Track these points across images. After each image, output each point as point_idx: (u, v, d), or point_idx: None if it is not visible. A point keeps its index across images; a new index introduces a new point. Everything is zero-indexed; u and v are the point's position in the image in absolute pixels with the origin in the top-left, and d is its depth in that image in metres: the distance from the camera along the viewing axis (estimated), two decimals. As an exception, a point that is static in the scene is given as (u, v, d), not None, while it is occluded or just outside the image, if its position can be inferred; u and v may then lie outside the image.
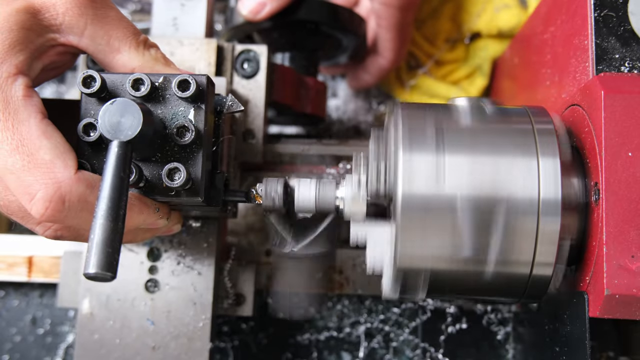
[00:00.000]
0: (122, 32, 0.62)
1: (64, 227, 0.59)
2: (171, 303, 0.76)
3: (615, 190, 0.57)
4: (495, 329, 0.91)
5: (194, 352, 0.76)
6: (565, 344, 0.63)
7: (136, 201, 0.59)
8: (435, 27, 1.02)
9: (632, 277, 0.55)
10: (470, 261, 0.60)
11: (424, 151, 0.60)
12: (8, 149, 0.55)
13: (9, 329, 0.92)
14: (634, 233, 0.56)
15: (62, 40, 0.60)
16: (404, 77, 1.02)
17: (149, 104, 0.60)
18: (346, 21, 0.88)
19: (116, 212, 0.52)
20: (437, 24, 1.02)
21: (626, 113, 0.58)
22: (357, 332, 0.91)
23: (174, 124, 0.60)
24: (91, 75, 0.59)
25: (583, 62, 0.65)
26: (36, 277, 0.88)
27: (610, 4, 0.64)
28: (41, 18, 0.59)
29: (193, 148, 0.60)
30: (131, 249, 0.77)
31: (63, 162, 0.55)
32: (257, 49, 0.82)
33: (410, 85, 1.02)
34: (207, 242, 0.77)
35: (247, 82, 0.82)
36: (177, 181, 0.59)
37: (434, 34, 1.03)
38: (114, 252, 0.51)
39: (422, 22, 1.03)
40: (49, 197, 0.55)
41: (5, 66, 0.56)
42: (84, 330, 0.76)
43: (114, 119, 0.55)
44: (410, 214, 0.59)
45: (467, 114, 0.63)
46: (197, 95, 0.60)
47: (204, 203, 0.62)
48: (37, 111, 0.56)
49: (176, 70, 0.64)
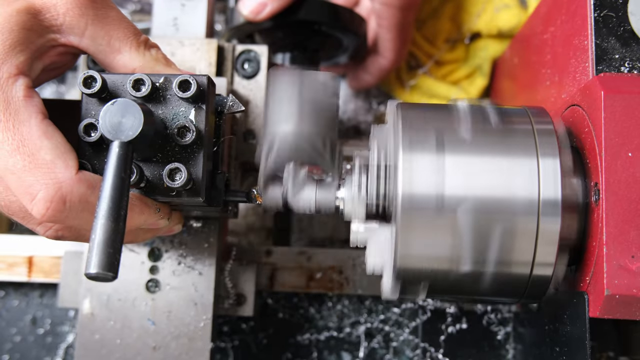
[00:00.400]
0: (123, 33, 0.62)
1: (64, 227, 0.59)
2: (172, 303, 0.77)
3: (615, 190, 0.57)
4: (495, 329, 0.91)
5: (194, 352, 0.76)
6: (565, 344, 0.63)
7: (137, 201, 0.59)
8: (436, 27, 1.02)
9: (632, 277, 0.55)
10: (470, 261, 0.60)
11: (424, 151, 0.60)
12: (9, 150, 0.55)
13: (9, 329, 0.92)
14: (634, 233, 0.56)
15: (62, 41, 0.60)
16: (404, 77, 1.02)
17: (149, 104, 0.60)
18: (347, 21, 0.88)
19: (117, 212, 0.52)
20: (437, 24, 1.02)
21: (626, 113, 0.58)
22: (357, 332, 0.91)
23: (175, 124, 0.60)
24: (92, 76, 0.59)
25: (583, 62, 0.65)
26: (36, 277, 0.88)
27: (610, 4, 0.64)
28: (42, 18, 0.59)
29: (194, 148, 0.60)
30: (132, 249, 0.77)
31: (64, 163, 0.56)
32: (258, 49, 0.82)
33: (410, 85, 1.02)
34: (208, 242, 0.78)
35: (248, 83, 0.82)
36: (178, 181, 0.59)
37: (434, 34, 1.03)
38: (115, 252, 0.51)
39: (423, 22, 1.03)
40: (50, 198, 0.55)
41: (6, 67, 0.56)
42: (84, 331, 0.76)
43: (115, 120, 0.55)
44: (410, 214, 0.59)
45: (468, 114, 0.63)
46: (198, 95, 0.60)
47: (205, 203, 0.62)
48: (37, 111, 0.56)
49: (177, 70, 0.64)
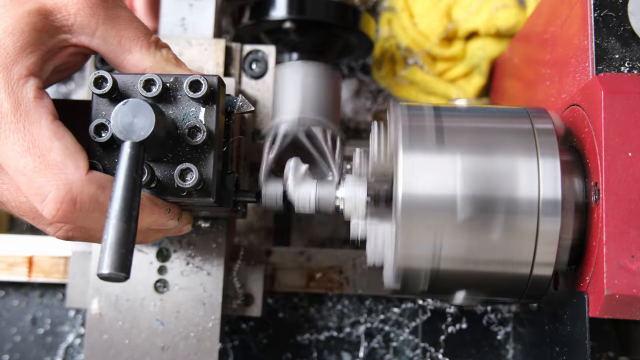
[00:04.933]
0: (134, 33, 0.62)
1: (75, 228, 0.59)
2: (180, 303, 0.77)
3: (615, 190, 0.57)
4: (495, 329, 0.91)
5: (203, 352, 0.76)
6: (565, 344, 0.63)
7: (147, 202, 0.60)
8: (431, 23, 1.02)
9: (632, 277, 0.55)
10: (470, 261, 0.60)
11: (424, 151, 0.60)
12: (19, 151, 0.55)
13: (9, 329, 0.93)
14: (634, 233, 0.56)
15: (73, 41, 0.61)
16: (400, 73, 1.03)
17: (160, 104, 0.60)
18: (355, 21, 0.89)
19: (129, 212, 0.52)
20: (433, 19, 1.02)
21: (626, 113, 0.58)
22: (357, 332, 0.91)
23: (185, 125, 0.60)
24: (102, 76, 0.59)
25: (583, 62, 0.65)
26: (36, 277, 0.88)
27: (610, 4, 0.64)
28: (53, 19, 0.59)
29: (204, 148, 0.60)
30: (140, 249, 0.77)
31: (74, 163, 0.56)
32: (266, 49, 0.83)
33: (408, 82, 1.02)
34: (216, 242, 0.78)
35: (256, 83, 0.83)
36: (189, 182, 0.59)
37: (430, 29, 1.03)
38: (128, 252, 0.51)
39: (418, 16, 1.03)
40: (61, 198, 0.55)
41: (16, 68, 0.56)
42: (93, 331, 0.76)
43: (127, 120, 0.55)
44: (410, 213, 0.59)
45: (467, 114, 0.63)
46: (208, 95, 0.60)
47: (216, 204, 0.62)
48: (48, 112, 0.56)
49: (187, 70, 0.64)
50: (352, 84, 1.04)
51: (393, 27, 1.03)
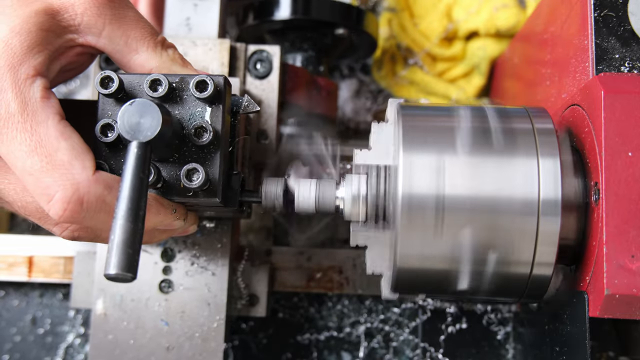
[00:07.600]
0: (140, 33, 0.62)
1: (81, 228, 0.59)
2: (185, 303, 0.77)
3: (615, 190, 0.57)
4: (495, 329, 0.91)
5: (208, 352, 0.76)
6: (565, 344, 0.63)
7: (153, 202, 0.60)
8: (431, 23, 1.03)
9: (632, 277, 0.55)
10: (470, 261, 0.60)
11: (424, 151, 0.60)
12: (26, 151, 0.55)
13: (9, 329, 0.93)
14: (634, 233, 0.56)
15: (80, 41, 0.61)
16: (401, 73, 1.03)
17: (166, 104, 0.60)
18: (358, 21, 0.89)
19: (136, 213, 0.52)
20: (433, 19, 1.02)
21: (626, 113, 0.58)
22: (357, 332, 0.92)
23: (192, 125, 0.60)
24: (109, 76, 0.59)
25: (583, 62, 0.65)
26: (36, 277, 0.88)
27: (610, 4, 0.64)
28: (60, 19, 0.59)
29: (210, 149, 0.61)
30: (145, 249, 0.77)
31: (81, 163, 0.56)
32: (270, 49, 0.83)
33: (408, 82, 1.02)
34: (220, 242, 0.78)
35: (260, 83, 0.83)
36: (196, 182, 0.59)
37: (430, 29, 1.03)
38: (135, 252, 0.51)
39: (418, 17, 1.03)
40: (67, 199, 0.55)
41: (23, 68, 0.56)
42: (98, 331, 0.76)
43: (133, 120, 0.55)
44: (410, 214, 0.59)
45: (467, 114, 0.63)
46: (214, 95, 0.60)
47: (221, 204, 0.62)
48: (55, 112, 0.56)
49: (193, 71, 0.64)
50: (352, 84, 1.04)
51: (393, 27, 1.03)
